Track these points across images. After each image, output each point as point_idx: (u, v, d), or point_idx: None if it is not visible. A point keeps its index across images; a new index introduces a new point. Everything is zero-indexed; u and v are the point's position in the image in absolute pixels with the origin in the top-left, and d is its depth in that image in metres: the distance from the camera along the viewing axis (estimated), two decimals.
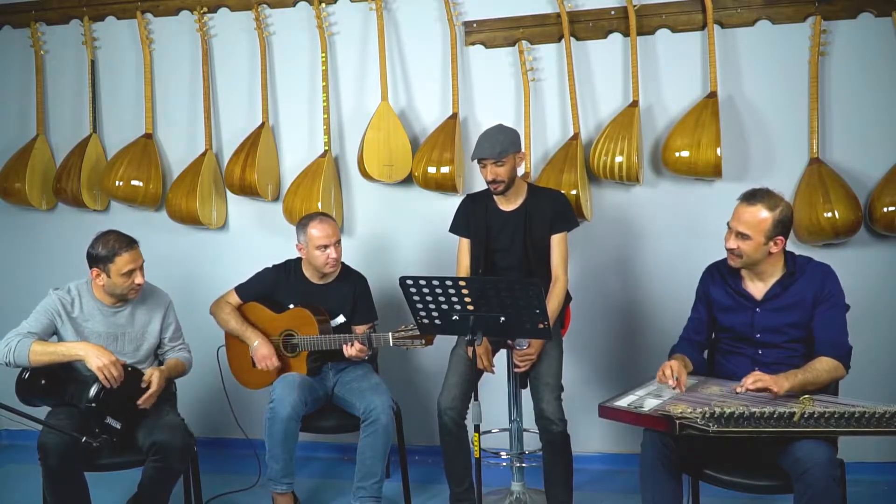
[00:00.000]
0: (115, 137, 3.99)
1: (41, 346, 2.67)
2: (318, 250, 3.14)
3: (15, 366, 2.68)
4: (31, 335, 2.70)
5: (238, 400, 3.47)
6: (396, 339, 2.97)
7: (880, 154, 3.32)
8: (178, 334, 3.06)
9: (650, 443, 2.39)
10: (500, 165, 2.96)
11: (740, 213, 2.48)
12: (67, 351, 2.68)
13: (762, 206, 2.44)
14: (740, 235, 2.46)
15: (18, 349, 2.65)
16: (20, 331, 2.72)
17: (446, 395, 2.95)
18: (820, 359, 2.42)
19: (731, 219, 2.51)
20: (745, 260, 2.49)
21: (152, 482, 2.71)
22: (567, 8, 3.51)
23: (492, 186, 3.01)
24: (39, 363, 2.66)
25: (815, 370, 2.39)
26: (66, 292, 2.85)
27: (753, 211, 2.44)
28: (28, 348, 2.65)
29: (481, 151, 2.95)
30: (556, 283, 3.04)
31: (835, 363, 2.42)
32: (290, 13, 3.82)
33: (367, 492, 3.01)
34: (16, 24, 4.07)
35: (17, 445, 4.09)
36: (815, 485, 2.15)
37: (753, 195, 2.48)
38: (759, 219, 2.43)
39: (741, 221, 2.46)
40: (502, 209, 3.10)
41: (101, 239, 2.82)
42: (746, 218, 2.45)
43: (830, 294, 2.48)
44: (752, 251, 2.47)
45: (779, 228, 2.45)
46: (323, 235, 3.13)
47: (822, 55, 3.33)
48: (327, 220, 3.19)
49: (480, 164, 3.00)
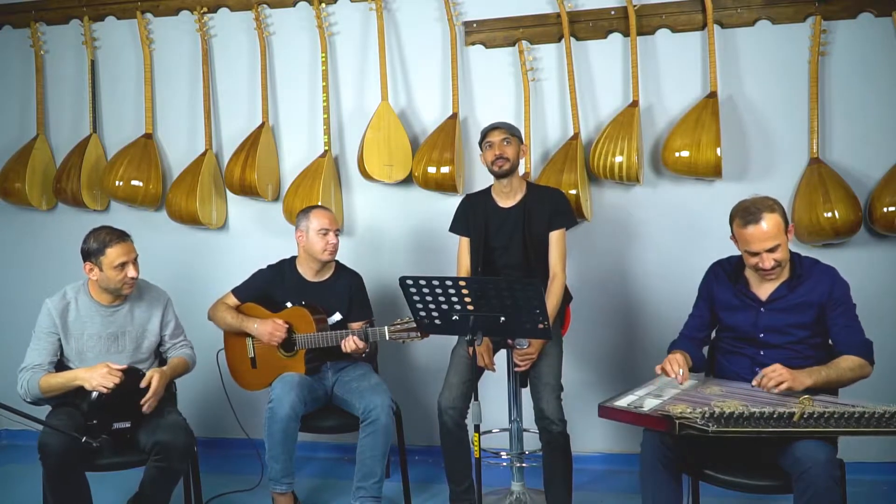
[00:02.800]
0: (115, 137, 3.99)
1: (47, 382, 2.74)
2: (318, 234, 3.16)
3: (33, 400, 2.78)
4: (37, 369, 2.76)
5: (239, 400, 3.47)
6: (393, 332, 2.97)
7: (880, 154, 3.32)
8: (178, 331, 3.06)
9: (650, 443, 2.39)
10: (508, 143, 3.03)
11: (758, 234, 2.42)
12: (67, 382, 2.74)
13: (766, 212, 2.43)
14: (771, 250, 2.43)
15: (30, 387, 2.75)
16: (27, 366, 2.77)
17: (447, 395, 2.95)
18: (844, 357, 2.43)
19: (749, 244, 2.44)
20: (783, 265, 2.49)
21: (154, 482, 2.71)
22: (567, 8, 3.51)
23: (496, 165, 3.03)
24: (51, 394, 2.75)
25: (838, 368, 2.40)
26: (60, 297, 2.85)
27: (765, 223, 2.42)
28: (37, 384, 2.74)
29: (494, 124, 3.06)
30: (554, 280, 3.04)
31: (860, 361, 2.43)
32: (290, 13, 3.82)
33: (367, 492, 3.01)
34: (16, 24, 4.07)
35: (17, 445, 4.09)
36: (815, 485, 2.15)
37: (751, 211, 2.44)
38: (775, 224, 2.42)
39: (765, 238, 2.42)
40: (501, 206, 3.10)
41: (93, 233, 2.83)
42: (766, 232, 2.41)
43: (842, 298, 2.49)
44: (787, 253, 2.48)
45: (786, 219, 2.47)
46: (325, 221, 3.18)
47: (822, 55, 3.34)
48: (329, 210, 3.27)
49: (487, 145, 3.05)
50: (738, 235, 2.48)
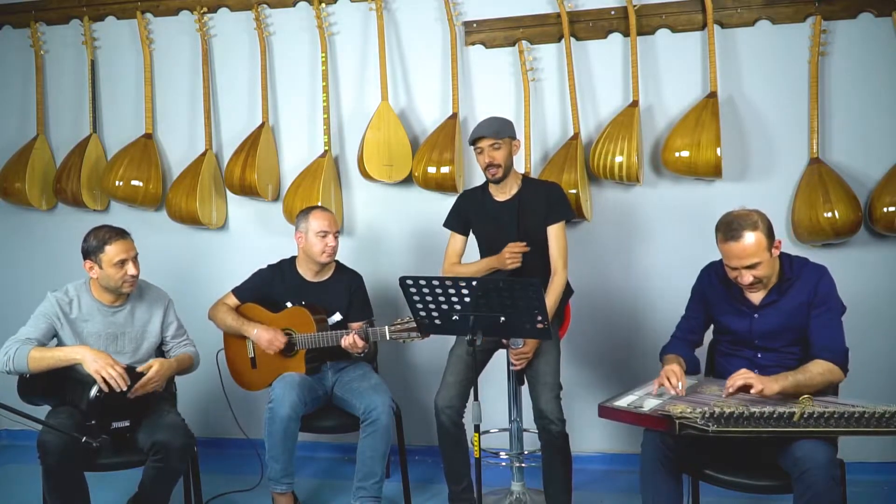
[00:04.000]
0: (115, 137, 3.99)
1: (39, 352, 2.67)
2: (317, 237, 3.16)
3: (15, 373, 2.69)
4: (29, 342, 2.70)
5: (238, 400, 3.47)
6: (393, 332, 2.97)
7: (880, 154, 3.32)
8: (180, 331, 3.06)
9: (650, 443, 2.39)
10: (497, 148, 2.96)
11: (737, 251, 2.40)
12: (65, 356, 2.68)
13: (747, 230, 2.39)
14: (750, 267, 2.42)
15: (17, 357, 2.65)
16: (18, 337, 2.72)
17: (444, 394, 2.95)
18: (815, 361, 2.41)
19: (729, 260, 2.43)
20: (765, 281, 2.48)
21: (153, 482, 2.71)
22: (567, 8, 3.51)
23: (489, 172, 3.00)
24: (39, 369, 2.67)
25: (808, 372, 2.38)
26: (63, 293, 2.85)
27: (745, 241, 2.39)
28: (26, 355, 2.65)
29: (479, 131, 2.98)
30: (555, 277, 3.02)
31: (829, 366, 2.40)
32: (290, 13, 3.82)
33: (367, 492, 3.01)
34: (16, 24, 4.07)
35: (17, 445, 4.09)
36: (815, 485, 2.15)
37: (733, 227, 2.41)
38: (755, 243, 2.39)
39: (744, 256, 2.40)
40: (496, 199, 3.09)
41: (93, 231, 2.84)
42: (745, 250, 2.39)
43: (824, 297, 2.47)
44: (768, 270, 2.45)
45: (771, 235, 2.44)
46: (325, 222, 3.17)
47: (822, 55, 3.33)
48: (329, 211, 3.25)
49: (477, 150, 3.01)
50: (720, 248, 2.47)
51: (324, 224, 3.17)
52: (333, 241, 3.19)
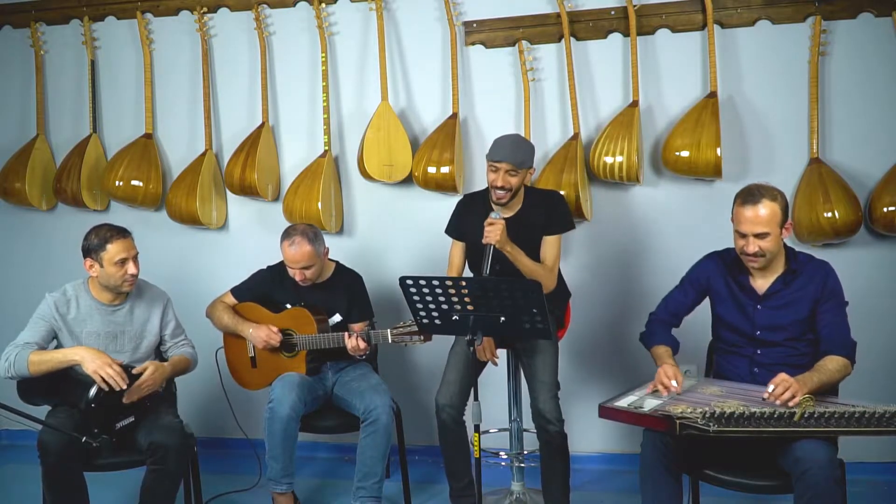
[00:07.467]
0: (115, 137, 3.99)
1: (38, 356, 2.69)
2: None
3: (17, 378, 2.71)
4: (28, 346, 2.71)
5: (238, 400, 3.47)
6: (395, 335, 2.97)
7: (880, 154, 3.32)
8: (179, 331, 3.06)
9: (650, 443, 2.39)
10: (514, 175, 2.89)
11: (751, 216, 2.42)
12: (64, 357, 2.69)
13: (767, 199, 2.43)
14: (759, 236, 2.43)
15: (17, 362, 2.67)
16: (17, 342, 2.73)
17: (444, 393, 2.95)
18: (830, 358, 2.41)
19: (741, 224, 2.45)
20: (768, 258, 2.48)
21: (153, 486, 2.69)
22: (567, 8, 3.51)
23: (497, 193, 2.92)
24: (39, 373, 2.68)
25: (828, 371, 2.38)
26: (61, 294, 2.85)
27: (762, 208, 2.42)
28: (26, 360, 2.66)
29: (503, 153, 2.87)
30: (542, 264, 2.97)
31: (844, 361, 2.41)
32: (290, 13, 3.82)
33: (367, 492, 3.01)
34: (16, 24, 4.06)
35: (17, 445, 4.09)
36: (816, 485, 2.15)
37: (753, 193, 2.46)
38: (770, 213, 2.42)
39: (756, 222, 2.42)
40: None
41: (94, 230, 2.84)
42: (760, 217, 2.42)
43: (833, 293, 2.49)
44: (774, 246, 2.46)
45: (786, 214, 2.47)
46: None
47: (822, 55, 3.33)
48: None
49: (492, 167, 2.91)
50: (735, 214, 2.49)
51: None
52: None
